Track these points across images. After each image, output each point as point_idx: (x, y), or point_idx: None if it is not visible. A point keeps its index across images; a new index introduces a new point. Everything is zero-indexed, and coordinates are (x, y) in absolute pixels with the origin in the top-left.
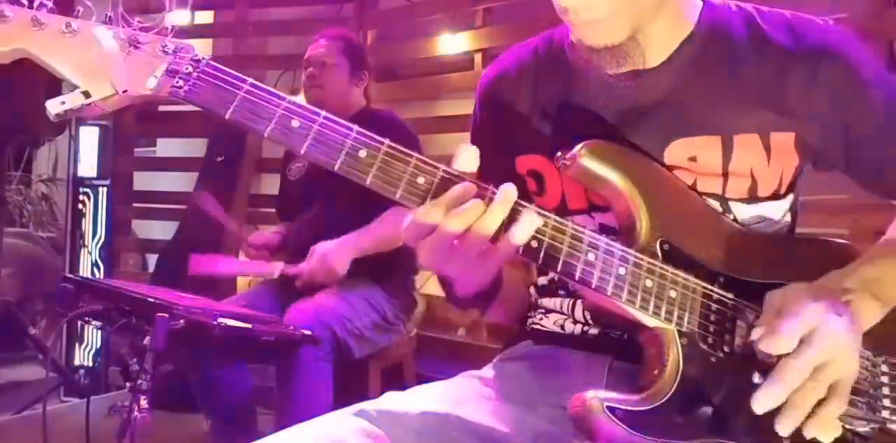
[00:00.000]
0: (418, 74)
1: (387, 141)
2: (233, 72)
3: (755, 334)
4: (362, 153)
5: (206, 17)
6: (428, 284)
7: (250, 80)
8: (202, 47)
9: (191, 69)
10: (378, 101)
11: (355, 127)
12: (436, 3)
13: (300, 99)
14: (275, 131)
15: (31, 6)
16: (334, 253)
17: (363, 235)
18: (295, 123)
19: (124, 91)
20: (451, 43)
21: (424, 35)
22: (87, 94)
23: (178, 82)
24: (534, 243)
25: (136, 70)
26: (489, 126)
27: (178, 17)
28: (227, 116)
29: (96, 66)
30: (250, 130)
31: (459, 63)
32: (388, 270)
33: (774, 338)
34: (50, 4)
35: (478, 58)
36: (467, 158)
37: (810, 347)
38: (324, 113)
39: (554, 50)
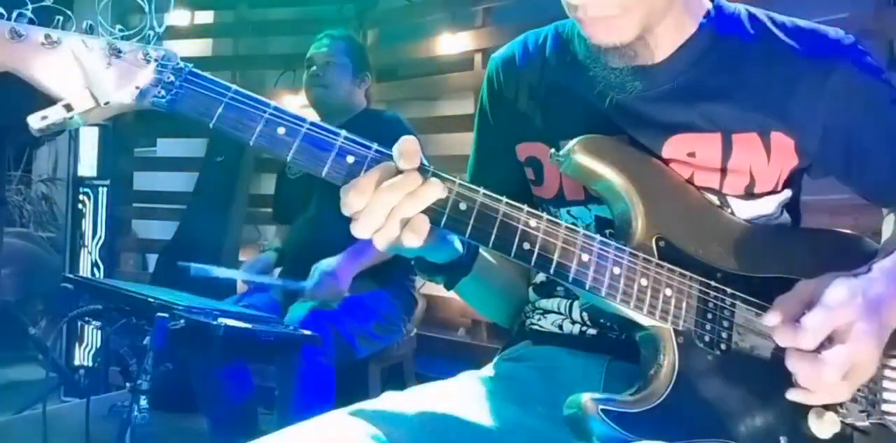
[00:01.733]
0: (418, 74)
1: (374, 146)
2: (216, 79)
3: (771, 319)
4: (350, 159)
5: (206, 17)
6: (428, 284)
7: (234, 87)
8: (202, 47)
9: (173, 78)
10: (378, 101)
11: (343, 132)
12: (436, 3)
13: (300, 99)
14: (260, 139)
15: (9, 18)
16: (336, 272)
17: (363, 249)
18: (280, 130)
19: (106, 103)
20: (451, 43)
21: (424, 35)
22: (68, 108)
23: (160, 92)
24: (526, 245)
25: (118, 81)
26: (493, 110)
27: (178, 17)
28: (211, 125)
29: (77, 78)
30: (235, 137)
31: (459, 63)
32: (388, 270)
33: (798, 332)
34: (29, 15)
35: (478, 58)
36: None
37: (844, 349)
38: (309, 119)
39: (563, 40)
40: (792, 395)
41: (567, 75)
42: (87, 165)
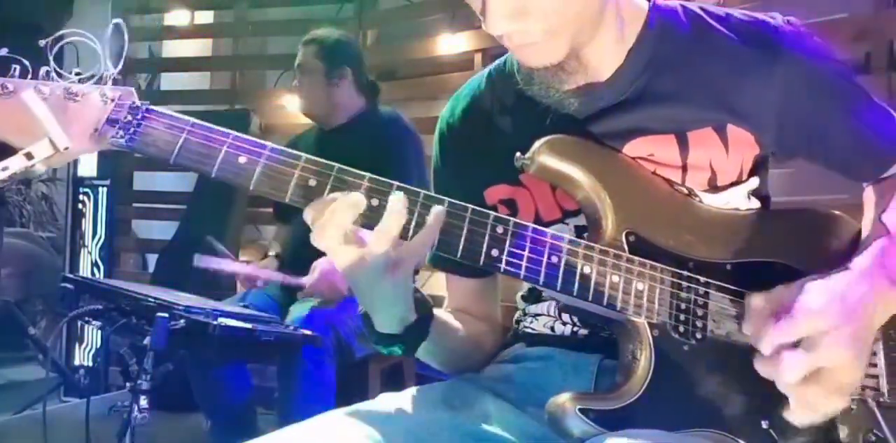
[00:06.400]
0: (418, 74)
1: (336, 166)
2: (174, 114)
3: (745, 328)
4: (311, 182)
5: (206, 17)
6: (428, 285)
7: (192, 120)
8: (202, 47)
9: (130, 117)
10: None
11: (304, 156)
12: (436, 3)
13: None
14: (221, 171)
15: None
16: (336, 269)
17: None
18: (241, 160)
19: (66, 148)
20: (451, 43)
21: (424, 35)
22: (29, 156)
23: (118, 133)
24: (494, 252)
25: (76, 125)
26: (452, 165)
27: (178, 17)
28: (171, 161)
29: (34, 126)
30: (198, 171)
31: (459, 63)
32: None
33: (759, 339)
34: None
35: (478, 58)
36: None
37: (811, 352)
38: (270, 144)
39: (505, 76)
40: (789, 416)
41: (517, 110)
42: (87, 165)
